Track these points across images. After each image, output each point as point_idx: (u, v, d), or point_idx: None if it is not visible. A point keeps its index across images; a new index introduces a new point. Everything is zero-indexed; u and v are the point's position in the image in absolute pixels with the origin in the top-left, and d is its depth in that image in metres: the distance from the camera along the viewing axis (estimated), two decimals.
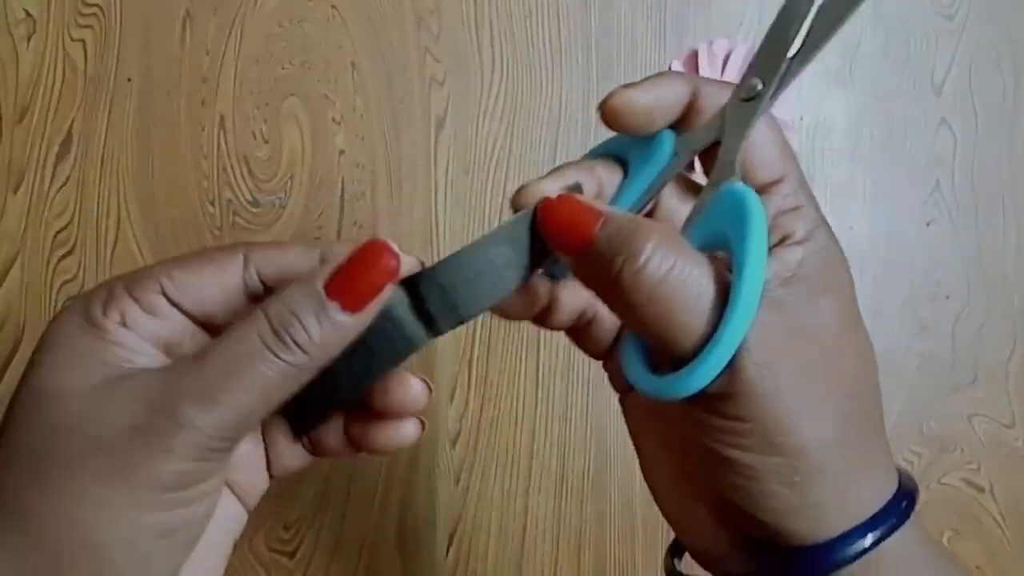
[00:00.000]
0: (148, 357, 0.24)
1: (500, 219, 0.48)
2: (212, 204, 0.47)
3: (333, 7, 0.49)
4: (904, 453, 0.48)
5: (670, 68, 0.49)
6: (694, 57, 0.49)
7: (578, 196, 0.25)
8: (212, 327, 0.26)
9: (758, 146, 0.27)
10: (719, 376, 0.22)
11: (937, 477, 0.48)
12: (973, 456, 0.48)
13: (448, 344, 0.47)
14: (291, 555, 0.46)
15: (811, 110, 0.50)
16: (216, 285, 0.25)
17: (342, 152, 0.48)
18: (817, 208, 0.27)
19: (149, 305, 0.24)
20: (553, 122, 0.49)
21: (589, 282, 0.24)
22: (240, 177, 0.48)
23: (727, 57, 0.49)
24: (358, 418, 0.27)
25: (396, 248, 0.24)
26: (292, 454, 0.28)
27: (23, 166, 0.47)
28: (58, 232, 0.47)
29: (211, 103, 0.48)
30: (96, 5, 0.48)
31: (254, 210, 0.48)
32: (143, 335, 0.24)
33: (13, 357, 0.46)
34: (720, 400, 0.23)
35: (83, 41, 0.48)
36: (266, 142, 0.48)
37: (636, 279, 0.22)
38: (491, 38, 0.49)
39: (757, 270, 0.23)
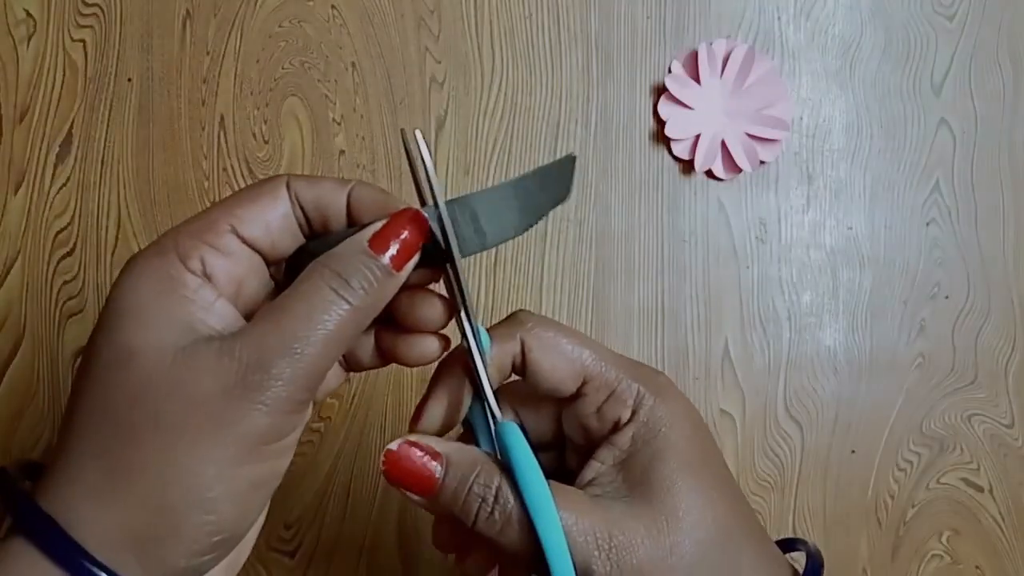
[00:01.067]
0: (222, 315, 0.26)
1: None
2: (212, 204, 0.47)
3: (333, 7, 0.49)
4: (903, 453, 0.48)
5: (670, 69, 0.49)
6: (694, 57, 0.49)
7: (414, 452, 0.28)
8: (273, 259, 0.28)
9: (548, 373, 0.29)
10: None
11: (937, 477, 0.48)
12: (973, 456, 0.48)
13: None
14: (291, 554, 0.46)
15: (811, 110, 0.50)
16: (275, 212, 0.27)
17: (342, 152, 0.48)
18: (630, 370, 0.29)
19: (224, 247, 0.26)
20: (553, 122, 0.49)
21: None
22: (240, 177, 0.48)
23: (727, 57, 0.49)
24: (389, 330, 0.29)
25: (426, 214, 0.27)
26: (331, 373, 0.29)
27: (23, 166, 0.47)
28: (58, 232, 0.47)
29: (211, 103, 0.48)
30: (96, 5, 0.48)
31: None
32: (221, 280, 0.26)
33: (13, 357, 0.46)
34: None
35: (83, 41, 0.48)
36: (266, 142, 0.48)
37: (495, 518, 0.26)
38: (491, 38, 0.49)
39: (550, 524, 0.26)
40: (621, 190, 0.49)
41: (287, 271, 0.29)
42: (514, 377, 0.30)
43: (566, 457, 0.32)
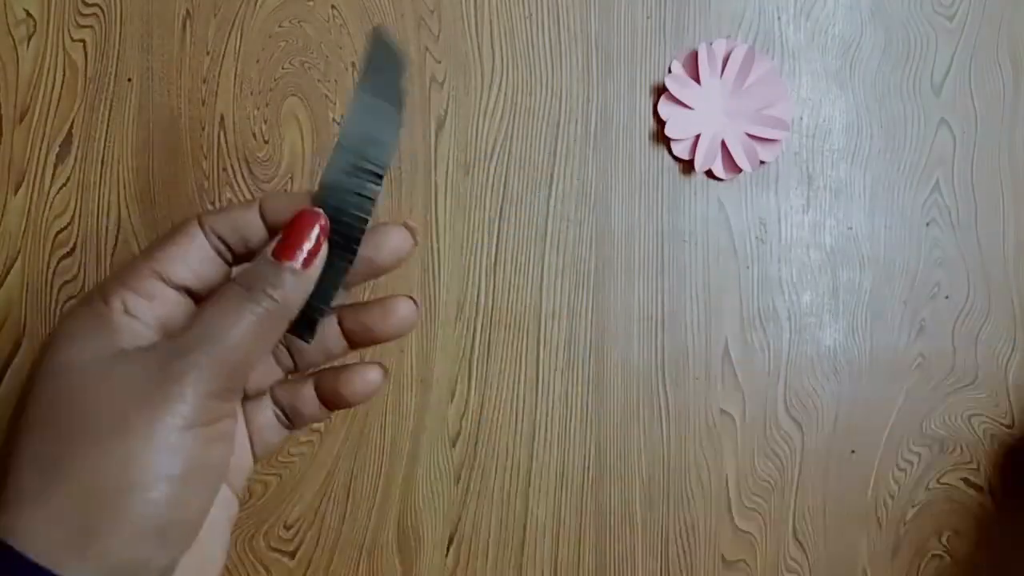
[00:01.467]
0: (150, 339, 0.28)
1: (500, 219, 0.48)
2: (212, 204, 0.48)
3: (333, 7, 0.49)
4: (903, 453, 0.48)
5: (670, 69, 0.49)
6: (694, 57, 0.49)
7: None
8: (200, 297, 0.30)
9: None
10: None
11: (937, 477, 0.48)
12: (973, 456, 0.48)
13: (448, 344, 0.47)
14: (291, 555, 0.46)
15: (811, 110, 0.50)
16: (192, 249, 0.29)
17: None
18: None
19: (147, 291, 0.28)
20: (553, 122, 0.49)
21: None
22: (240, 177, 0.48)
23: (727, 57, 0.49)
24: (325, 376, 0.32)
25: (320, 210, 0.30)
26: (272, 431, 0.32)
27: (23, 166, 0.47)
28: (58, 232, 0.47)
29: (211, 103, 0.48)
30: (96, 5, 0.48)
31: None
32: (144, 319, 0.28)
33: (13, 357, 0.46)
34: None
35: (83, 41, 0.48)
36: (266, 142, 0.48)
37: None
38: (491, 38, 0.49)
39: None
40: (621, 190, 0.49)
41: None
42: None
43: None
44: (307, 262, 0.29)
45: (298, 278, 0.29)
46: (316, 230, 0.29)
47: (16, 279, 0.46)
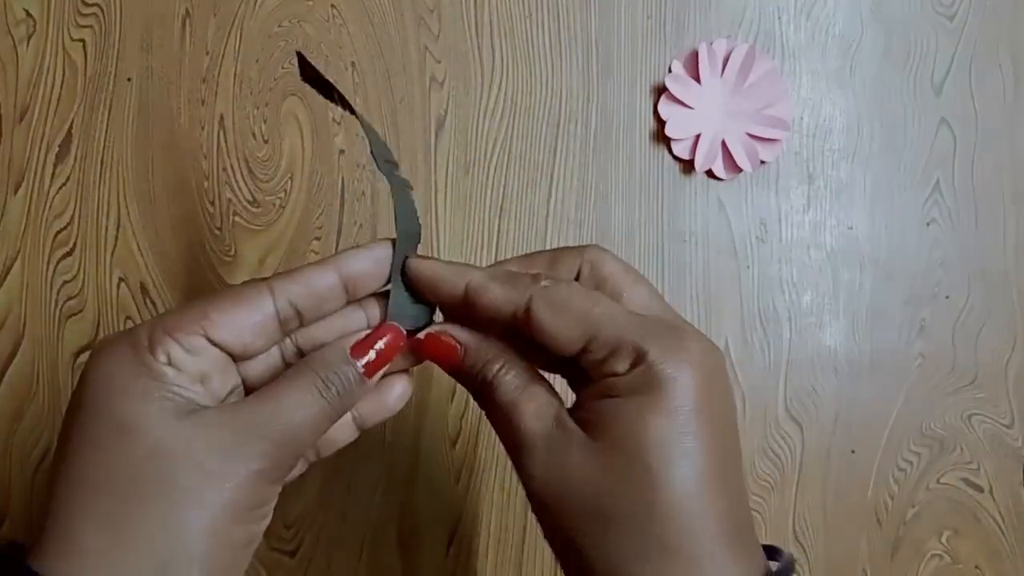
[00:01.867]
0: (199, 392, 0.28)
1: (500, 219, 0.48)
2: (212, 204, 0.47)
3: (333, 7, 0.49)
4: (903, 453, 0.48)
5: (670, 69, 0.49)
6: (694, 57, 0.49)
7: (445, 334, 0.31)
8: (244, 358, 0.30)
9: (551, 332, 0.29)
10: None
11: (937, 477, 0.48)
12: (973, 456, 0.48)
13: None
14: (292, 554, 0.46)
15: (811, 110, 0.50)
16: (250, 320, 0.29)
17: (342, 152, 0.48)
18: (640, 328, 0.28)
19: (191, 346, 0.28)
20: (553, 122, 0.49)
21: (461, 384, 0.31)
22: (240, 177, 0.48)
23: (727, 57, 0.49)
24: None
25: (403, 329, 0.31)
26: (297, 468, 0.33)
27: (23, 166, 0.47)
28: (58, 232, 0.47)
29: (211, 103, 0.48)
30: (96, 5, 0.48)
31: (254, 210, 0.48)
32: (187, 371, 0.28)
33: (13, 357, 0.46)
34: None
35: (83, 41, 0.48)
36: (266, 142, 0.48)
37: (490, 393, 0.30)
38: (491, 38, 0.49)
39: None
40: (621, 190, 0.49)
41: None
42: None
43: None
44: (372, 371, 0.30)
45: (363, 385, 0.29)
46: (393, 349, 0.30)
47: (16, 279, 0.46)
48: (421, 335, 0.31)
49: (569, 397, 0.30)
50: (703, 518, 0.26)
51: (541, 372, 0.31)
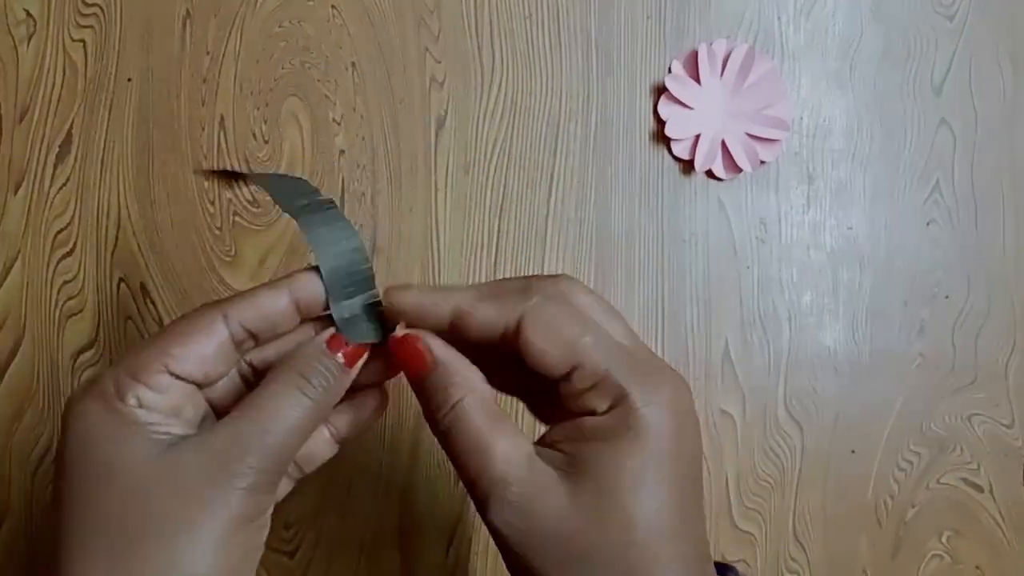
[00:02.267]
0: (174, 424, 0.29)
1: (500, 219, 0.48)
2: (212, 204, 0.48)
3: (333, 7, 0.49)
4: (903, 453, 0.48)
5: (670, 69, 0.49)
6: (694, 57, 0.49)
7: (418, 340, 0.30)
8: (207, 385, 0.30)
9: (538, 351, 0.28)
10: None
11: (937, 477, 0.48)
12: (973, 456, 0.48)
13: None
14: (291, 555, 0.46)
15: (811, 110, 0.50)
16: (209, 349, 0.29)
17: (342, 152, 0.48)
18: (627, 365, 0.28)
19: (157, 384, 0.28)
20: (553, 122, 0.49)
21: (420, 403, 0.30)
22: None
23: (727, 57, 0.49)
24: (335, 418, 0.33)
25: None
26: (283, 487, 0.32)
27: (23, 166, 0.47)
28: (58, 232, 0.47)
29: (211, 103, 0.48)
30: (96, 5, 0.48)
31: (254, 210, 0.48)
32: (159, 410, 0.28)
33: (13, 357, 0.46)
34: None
35: (83, 41, 0.48)
36: (266, 142, 0.48)
37: (437, 424, 0.29)
38: (491, 38, 0.49)
39: None
40: (621, 190, 0.49)
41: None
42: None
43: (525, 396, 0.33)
44: (352, 361, 0.30)
45: (345, 374, 0.30)
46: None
47: (16, 279, 0.46)
48: (397, 333, 0.30)
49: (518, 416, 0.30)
50: (672, 556, 0.27)
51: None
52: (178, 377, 0.29)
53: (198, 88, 0.48)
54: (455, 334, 0.29)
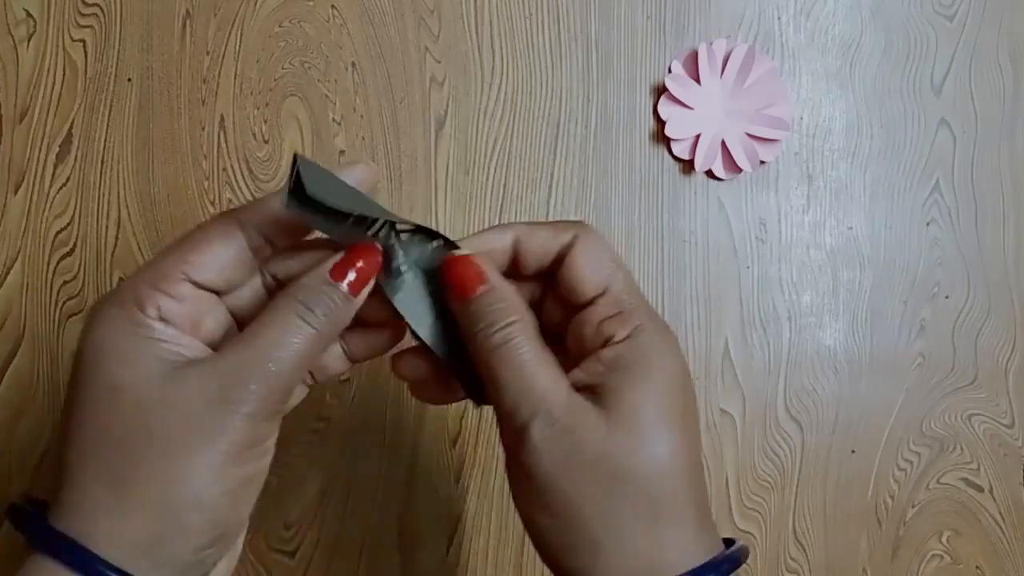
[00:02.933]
0: (189, 346, 0.29)
1: (500, 219, 0.48)
2: (212, 204, 0.48)
3: (333, 7, 0.49)
4: (903, 453, 0.48)
5: (670, 69, 0.49)
6: (694, 57, 0.49)
7: (477, 259, 0.30)
8: (229, 293, 0.30)
9: (581, 267, 0.31)
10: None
11: (937, 477, 0.48)
12: (973, 456, 0.48)
13: None
14: (291, 555, 0.46)
15: (811, 110, 0.50)
16: (227, 254, 0.29)
17: (342, 152, 0.48)
18: (644, 306, 0.31)
19: (178, 293, 0.29)
20: (553, 122, 0.49)
21: (464, 326, 0.31)
22: (240, 177, 0.48)
23: (727, 57, 0.49)
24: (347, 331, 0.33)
25: (378, 246, 0.30)
26: (297, 389, 0.32)
27: (23, 166, 0.47)
28: (58, 232, 0.47)
29: (211, 103, 0.48)
30: (96, 5, 0.48)
31: None
32: (178, 323, 0.29)
33: (13, 357, 0.46)
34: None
35: (83, 41, 0.48)
36: (266, 142, 0.48)
37: (485, 343, 0.29)
38: (491, 38, 0.49)
39: None
40: (621, 190, 0.49)
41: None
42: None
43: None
44: (357, 289, 0.29)
45: (349, 303, 0.29)
46: (373, 266, 0.30)
47: (16, 279, 0.46)
48: (455, 253, 0.30)
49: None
50: (686, 486, 0.29)
51: None
52: (198, 285, 0.29)
53: (198, 88, 0.48)
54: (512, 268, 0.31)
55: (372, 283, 0.30)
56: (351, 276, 0.29)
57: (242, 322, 0.31)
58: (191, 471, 0.27)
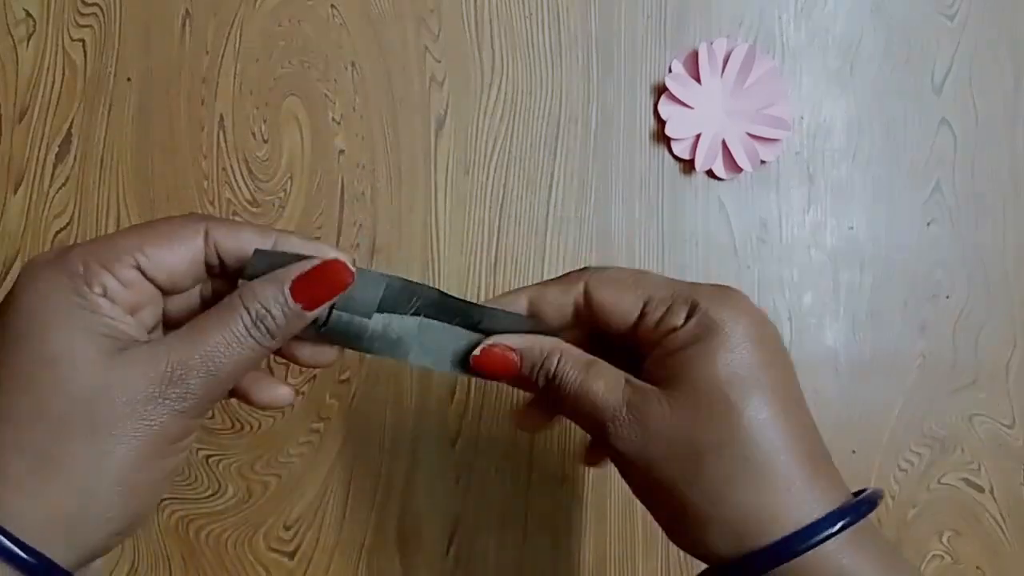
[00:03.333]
0: (130, 325, 0.29)
1: (500, 219, 0.48)
2: (212, 204, 0.47)
3: (333, 7, 0.49)
4: (904, 453, 0.48)
5: (670, 69, 0.49)
6: (694, 56, 0.49)
7: (496, 347, 0.32)
8: (170, 293, 0.31)
9: (609, 310, 0.32)
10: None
11: (937, 477, 0.48)
12: (973, 456, 0.48)
13: None
14: (291, 555, 0.46)
15: (811, 110, 0.50)
16: (183, 258, 0.30)
17: (342, 152, 0.48)
18: (688, 287, 0.32)
19: (126, 279, 0.29)
20: (553, 122, 0.49)
21: (534, 391, 0.33)
22: (240, 177, 0.48)
23: (727, 57, 0.49)
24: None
25: (351, 265, 0.30)
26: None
27: (23, 166, 0.47)
28: (58, 232, 0.47)
29: (211, 103, 0.48)
30: (96, 5, 0.48)
31: (254, 210, 0.48)
32: (120, 303, 0.29)
33: None
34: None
35: (83, 41, 0.48)
36: (266, 142, 0.48)
37: (556, 387, 0.31)
38: (491, 38, 0.49)
39: None
40: (621, 190, 0.49)
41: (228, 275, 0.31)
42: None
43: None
44: (312, 306, 0.29)
45: (300, 320, 0.30)
46: (336, 287, 0.30)
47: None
48: (477, 352, 0.32)
49: None
50: (781, 440, 0.29)
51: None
52: (145, 276, 0.29)
53: (198, 88, 0.48)
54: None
55: (333, 301, 0.30)
56: (313, 292, 0.29)
57: (169, 323, 0.32)
58: (119, 458, 0.27)
